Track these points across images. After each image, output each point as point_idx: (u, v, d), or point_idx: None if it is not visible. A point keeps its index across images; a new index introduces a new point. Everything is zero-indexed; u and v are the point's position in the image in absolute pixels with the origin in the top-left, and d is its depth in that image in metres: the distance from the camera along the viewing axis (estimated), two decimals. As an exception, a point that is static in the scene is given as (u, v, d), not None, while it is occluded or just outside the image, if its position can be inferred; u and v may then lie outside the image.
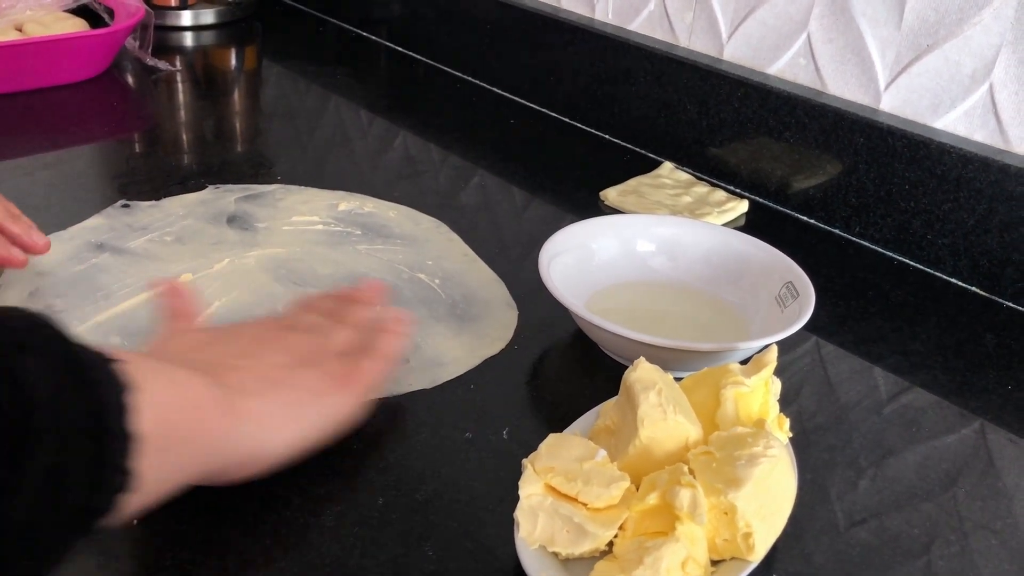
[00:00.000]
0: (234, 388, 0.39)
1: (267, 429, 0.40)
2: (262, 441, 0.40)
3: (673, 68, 0.81)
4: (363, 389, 0.45)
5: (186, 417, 0.36)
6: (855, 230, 0.72)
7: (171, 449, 0.34)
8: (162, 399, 0.34)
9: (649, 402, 0.40)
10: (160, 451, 0.32)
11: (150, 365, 0.34)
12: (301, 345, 0.45)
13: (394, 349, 0.48)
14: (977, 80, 0.65)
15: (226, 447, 0.38)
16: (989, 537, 0.44)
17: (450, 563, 0.40)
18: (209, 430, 0.37)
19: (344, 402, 0.44)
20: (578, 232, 0.59)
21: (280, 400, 0.41)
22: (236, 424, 0.38)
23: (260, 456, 0.40)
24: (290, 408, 0.41)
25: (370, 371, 0.46)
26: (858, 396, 0.54)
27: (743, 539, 0.37)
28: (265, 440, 0.40)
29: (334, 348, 0.46)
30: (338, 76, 1.01)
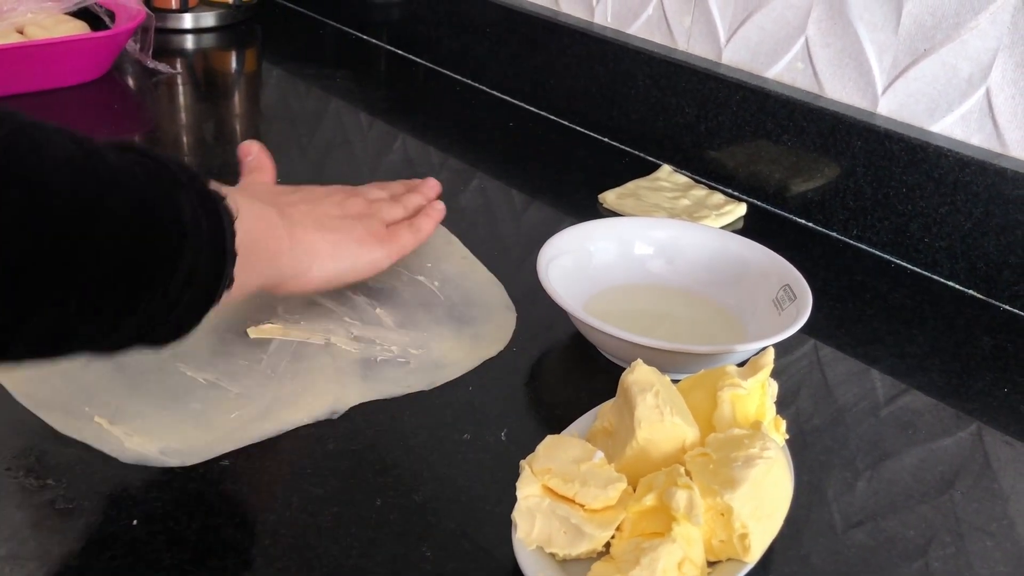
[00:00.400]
0: (294, 220, 0.50)
1: (313, 257, 0.51)
2: (308, 266, 0.51)
3: (671, 71, 0.81)
4: (395, 250, 0.56)
5: (263, 238, 0.46)
6: (853, 233, 0.72)
7: (252, 260, 0.44)
8: (250, 225, 0.44)
9: (646, 404, 0.40)
10: (246, 261, 0.43)
11: (243, 200, 0.44)
12: (355, 206, 0.56)
13: (428, 228, 0.60)
14: (974, 84, 0.65)
15: (284, 265, 0.49)
16: (985, 539, 0.44)
17: (448, 564, 0.40)
18: (276, 249, 0.48)
19: (376, 255, 0.55)
20: (576, 235, 0.59)
21: (327, 238, 0.52)
22: (292, 248, 0.49)
23: (305, 277, 0.51)
24: (333, 246, 0.52)
25: (404, 239, 0.57)
26: (855, 398, 0.54)
27: (739, 540, 0.37)
28: (311, 265, 0.51)
29: (381, 215, 0.57)
30: (338, 79, 1.01)
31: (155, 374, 0.49)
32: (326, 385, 0.50)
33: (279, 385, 0.50)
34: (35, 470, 0.43)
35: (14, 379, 0.48)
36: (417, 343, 0.54)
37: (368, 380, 0.51)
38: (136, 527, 0.40)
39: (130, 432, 0.45)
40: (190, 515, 0.41)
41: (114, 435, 0.45)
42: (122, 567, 0.38)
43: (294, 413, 0.48)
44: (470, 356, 0.54)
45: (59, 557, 0.39)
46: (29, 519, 0.40)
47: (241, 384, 0.49)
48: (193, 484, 0.43)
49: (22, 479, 0.42)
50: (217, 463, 0.44)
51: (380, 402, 0.49)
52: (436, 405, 0.50)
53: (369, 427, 0.48)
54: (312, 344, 0.53)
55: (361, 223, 0.55)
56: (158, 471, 0.44)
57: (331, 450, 0.46)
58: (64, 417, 0.46)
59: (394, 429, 0.48)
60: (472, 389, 0.51)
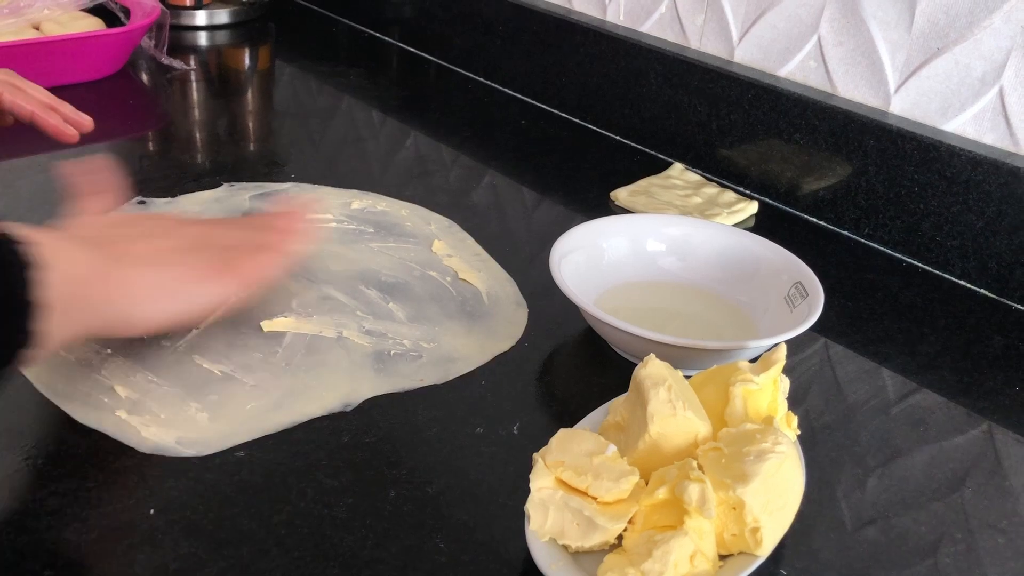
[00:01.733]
0: (123, 262, 0.46)
1: (146, 298, 0.46)
2: (142, 308, 0.46)
3: (684, 70, 0.81)
4: (243, 279, 0.50)
5: (80, 287, 0.42)
6: (864, 232, 0.73)
7: (68, 312, 0.41)
8: (63, 273, 0.40)
9: (659, 398, 0.40)
10: (60, 313, 0.40)
11: (56, 244, 0.41)
12: (192, 235, 0.51)
13: (280, 244, 0.53)
14: (987, 83, 0.65)
15: (111, 311, 0.44)
16: (996, 536, 0.44)
17: (461, 555, 0.40)
18: (98, 296, 0.44)
19: (219, 287, 0.49)
20: (589, 231, 0.59)
21: (162, 275, 0.47)
22: (121, 292, 0.45)
23: (139, 320, 0.46)
24: (169, 283, 0.47)
25: (252, 264, 0.51)
26: (866, 396, 0.54)
27: (751, 534, 0.37)
28: (145, 307, 0.46)
29: (222, 241, 0.51)
30: (350, 76, 1.02)
31: (173, 366, 0.50)
32: (340, 378, 0.50)
33: (293, 377, 0.50)
34: (53, 459, 0.43)
35: (35, 370, 0.49)
36: (429, 337, 0.55)
37: (381, 373, 0.51)
38: (153, 516, 0.41)
39: (147, 422, 0.46)
40: (206, 505, 0.42)
41: (132, 425, 0.45)
42: (139, 556, 0.39)
43: (308, 405, 0.48)
44: (482, 351, 0.54)
45: (77, 545, 0.39)
46: (48, 508, 0.41)
47: (256, 376, 0.50)
48: (209, 474, 0.43)
49: (41, 468, 0.43)
50: (233, 454, 0.45)
51: (393, 395, 0.50)
52: (449, 399, 0.50)
53: (383, 420, 0.48)
54: (325, 337, 0.54)
55: (197, 254, 0.49)
56: (175, 461, 0.44)
57: (345, 442, 0.46)
58: (83, 407, 0.47)
59: (407, 422, 0.48)
60: (485, 383, 0.52)
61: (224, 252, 0.50)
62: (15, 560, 0.38)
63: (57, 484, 0.42)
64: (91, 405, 0.47)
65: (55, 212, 0.63)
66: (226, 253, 0.50)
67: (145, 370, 0.50)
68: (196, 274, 0.48)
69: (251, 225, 0.56)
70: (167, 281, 0.47)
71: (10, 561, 0.38)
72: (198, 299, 0.48)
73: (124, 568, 0.38)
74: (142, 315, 0.46)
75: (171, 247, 0.49)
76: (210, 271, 0.49)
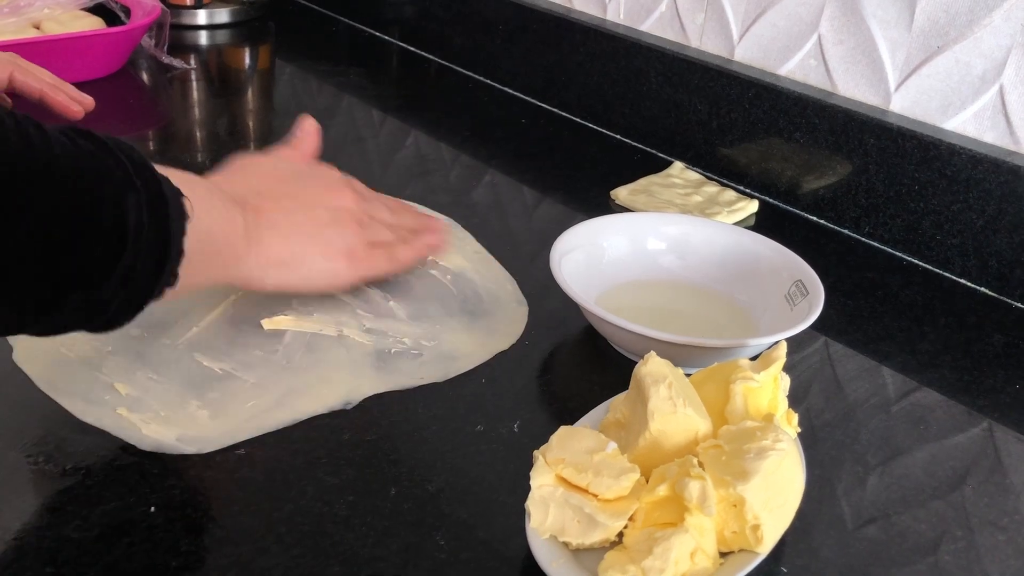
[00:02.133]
0: (263, 222, 0.48)
1: (270, 264, 0.49)
2: (263, 273, 0.49)
3: (684, 69, 0.81)
4: (361, 272, 0.53)
5: (219, 240, 0.45)
6: (865, 230, 0.73)
7: (202, 261, 0.43)
8: (206, 226, 0.43)
9: (659, 395, 0.40)
10: (197, 262, 0.42)
11: (208, 199, 0.44)
12: (337, 208, 0.53)
13: (406, 258, 0.56)
14: (987, 81, 0.65)
15: (238, 268, 0.47)
16: (996, 534, 0.44)
17: (461, 552, 0.40)
18: (231, 253, 0.46)
19: (339, 270, 0.52)
20: (589, 229, 0.59)
21: (290, 247, 0.50)
22: (251, 252, 0.47)
23: (259, 283, 0.49)
24: (294, 256, 0.50)
25: (377, 263, 0.54)
26: (866, 394, 0.54)
27: (751, 531, 0.37)
28: (266, 273, 0.49)
29: (365, 235, 0.53)
30: (350, 75, 1.02)
31: (173, 364, 0.50)
32: (340, 376, 0.50)
33: (294, 375, 0.50)
34: (54, 457, 0.44)
35: (35, 367, 0.49)
36: (430, 335, 0.55)
37: (382, 372, 0.51)
38: (153, 514, 0.41)
39: (148, 420, 0.46)
40: (207, 502, 0.42)
41: (132, 422, 0.45)
42: (139, 553, 0.39)
43: (309, 403, 0.48)
44: (483, 349, 0.54)
45: (77, 543, 0.39)
46: (48, 505, 0.41)
47: (257, 374, 0.50)
48: (210, 472, 0.43)
49: (42, 465, 0.43)
50: (233, 451, 0.45)
51: (394, 393, 0.50)
52: (449, 397, 0.50)
53: (383, 418, 0.48)
54: (326, 336, 0.54)
55: (338, 237, 0.52)
56: (175, 459, 0.44)
57: (346, 440, 0.46)
58: (84, 404, 0.47)
59: (408, 420, 0.48)
60: (485, 382, 0.52)
61: (360, 237, 0.53)
62: (16, 557, 0.38)
63: (58, 482, 0.42)
64: (92, 402, 0.47)
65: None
66: (360, 246, 0.53)
67: (145, 367, 0.50)
68: (324, 252, 0.51)
69: (399, 217, 0.58)
70: (295, 254, 0.50)
71: (11, 558, 0.38)
72: (318, 277, 0.52)
73: (125, 566, 0.38)
74: (271, 280, 0.49)
75: (318, 220, 0.51)
76: (339, 255, 0.52)
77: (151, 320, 0.54)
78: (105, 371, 0.49)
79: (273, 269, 0.49)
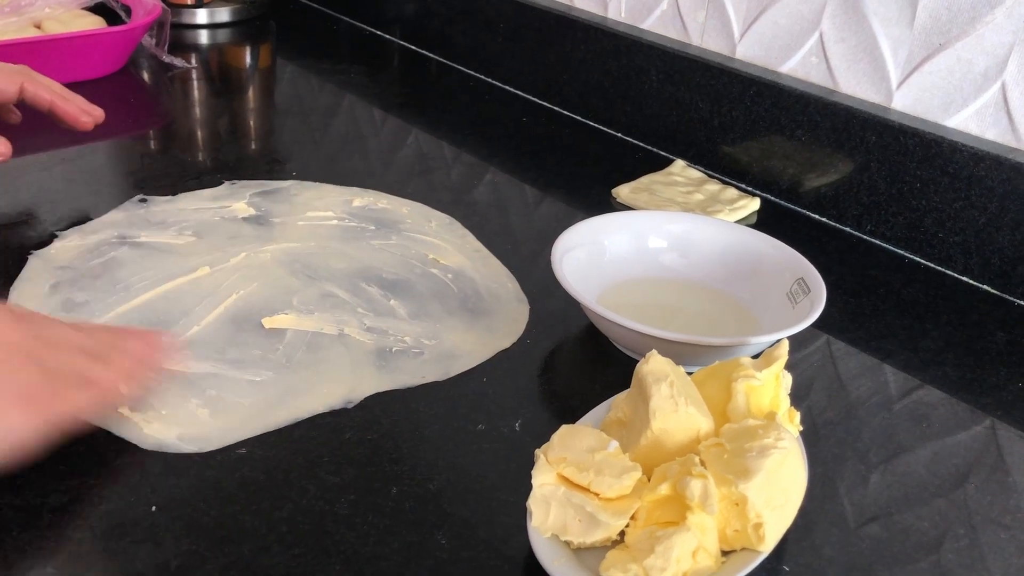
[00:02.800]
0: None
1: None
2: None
3: (685, 67, 0.81)
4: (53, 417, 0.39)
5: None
6: (866, 228, 0.72)
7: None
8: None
9: (661, 394, 0.40)
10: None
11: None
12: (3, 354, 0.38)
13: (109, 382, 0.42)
14: (989, 78, 0.65)
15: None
16: (999, 532, 0.44)
17: (463, 551, 0.40)
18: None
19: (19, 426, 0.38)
20: (590, 228, 0.59)
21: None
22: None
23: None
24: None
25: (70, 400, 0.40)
26: (868, 392, 0.54)
27: (754, 529, 0.37)
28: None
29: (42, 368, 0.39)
30: (352, 74, 1.02)
31: (174, 362, 0.50)
32: (341, 375, 0.50)
33: (294, 374, 0.50)
34: (56, 456, 0.43)
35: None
36: (430, 334, 0.55)
37: (383, 370, 0.51)
38: (155, 513, 0.41)
39: (149, 419, 0.46)
40: (208, 502, 0.42)
41: (133, 422, 0.45)
42: (140, 553, 0.39)
43: (309, 402, 0.48)
44: (484, 347, 0.54)
45: (78, 542, 0.39)
46: (50, 505, 0.41)
47: (257, 373, 0.50)
48: (211, 471, 0.43)
49: (43, 465, 0.43)
50: (234, 451, 0.45)
51: (395, 392, 0.50)
52: (451, 396, 0.50)
53: (384, 417, 0.48)
54: (326, 335, 0.54)
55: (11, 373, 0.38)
56: (176, 458, 0.44)
57: (347, 439, 0.46)
58: (83, 405, 0.46)
59: (409, 419, 0.48)
60: (486, 380, 0.51)
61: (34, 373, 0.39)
62: (18, 558, 0.38)
63: (59, 482, 0.42)
64: (92, 402, 0.47)
65: (57, 211, 0.64)
66: (38, 374, 0.39)
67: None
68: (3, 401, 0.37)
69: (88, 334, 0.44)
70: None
71: (13, 559, 0.38)
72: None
73: (126, 565, 0.38)
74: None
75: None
76: (8, 403, 0.38)
77: (152, 319, 0.54)
78: (106, 370, 0.49)
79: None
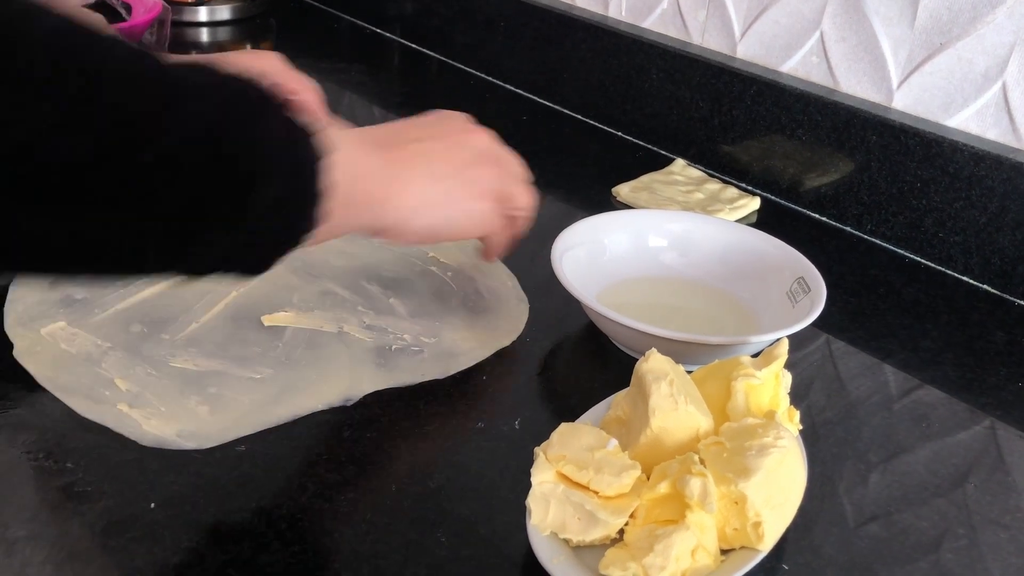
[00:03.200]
0: (404, 163, 0.46)
1: (417, 205, 0.46)
2: (408, 216, 0.46)
3: (686, 66, 0.81)
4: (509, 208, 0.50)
5: (358, 182, 0.42)
6: (867, 228, 0.72)
7: (348, 201, 0.41)
8: (348, 164, 0.40)
9: (660, 392, 0.40)
10: (341, 201, 0.40)
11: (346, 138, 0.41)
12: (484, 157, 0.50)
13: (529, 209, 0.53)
14: (990, 78, 0.65)
15: (387, 209, 0.45)
16: (999, 532, 0.44)
17: (462, 549, 0.40)
18: (377, 194, 0.44)
19: (488, 215, 0.49)
20: (591, 226, 0.59)
21: (438, 185, 0.47)
22: (394, 193, 0.45)
23: (405, 226, 0.46)
24: (442, 195, 0.47)
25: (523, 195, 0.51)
26: (868, 392, 0.54)
27: (753, 528, 0.37)
28: (410, 216, 0.46)
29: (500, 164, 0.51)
30: (352, 73, 1.01)
31: (174, 359, 0.50)
32: (340, 372, 0.50)
33: (294, 372, 0.50)
34: (54, 453, 0.43)
35: (36, 363, 0.49)
36: (430, 332, 0.55)
37: (382, 368, 0.51)
38: (154, 510, 0.41)
39: (148, 415, 0.46)
40: (207, 499, 0.42)
41: (133, 418, 0.45)
42: (139, 550, 0.39)
43: (309, 399, 0.48)
44: (484, 346, 0.54)
45: (77, 539, 0.39)
46: (48, 501, 0.41)
47: (257, 370, 0.50)
48: (210, 469, 0.43)
49: (42, 462, 0.43)
50: (234, 447, 0.45)
51: (395, 390, 0.50)
52: (450, 394, 0.50)
53: (384, 414, 0.48)
54: (326, 332, 0.54)
55: (481, 177, 0.49)
56: (176, 455, 0.44)
57: (346, 437, 0.46)
58: (84, 401, 0.46)
59: (409, 417, 0.48)
60: (486, 378, 0.51)
61: (501, 179, 0.50)
62: (16, 555, 0.38)
63: (58, 478, 0.42)
64: (92, 398, 0.47)
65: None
66: (503, 180, 0.50)
67: (146, 363, 0.49)
68: (469, 192, 0.48)
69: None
70: (439, 194, 0.47)
71: (11, 556, 0.38)
72: (465, 219, 0.49)
73: (125, 563, 0.38)
74: (408, 223, 0.46)
75: (451, 158, 0.48)
76: (484, 195, 0.49)
77: (151, 316, 0.54)
78: (105, 367, 0.49)
79: (419, 211, 0.46)
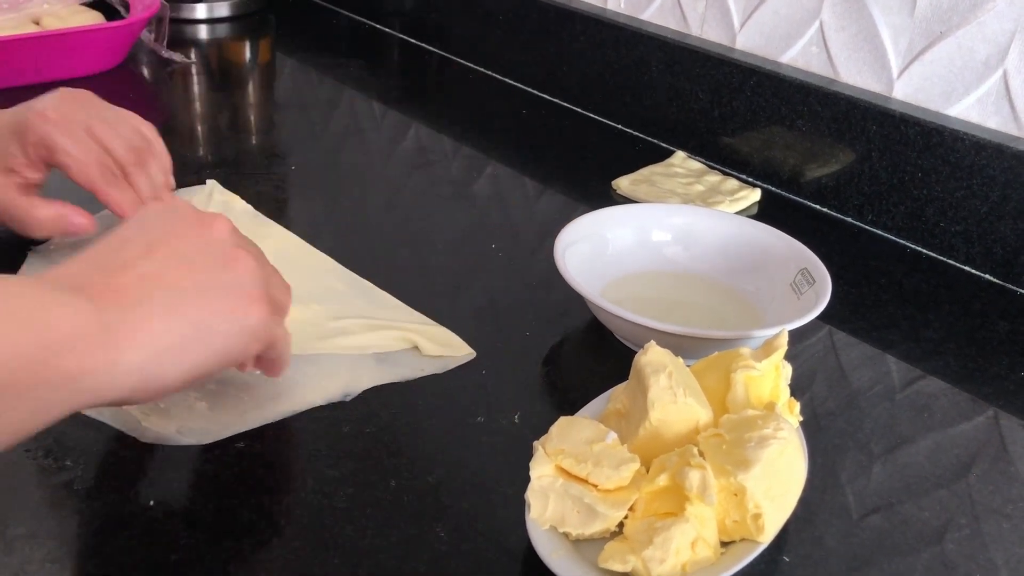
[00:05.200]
0: (128, 298, 0.33)
1: (159, 353, 0.34)
2: (153, 370, 0.34)
3: (685, 57, 0.80)
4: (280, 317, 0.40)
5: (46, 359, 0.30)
6: (868, 218, 0.72)
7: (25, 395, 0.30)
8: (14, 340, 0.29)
9: (659, 385, 0.40)
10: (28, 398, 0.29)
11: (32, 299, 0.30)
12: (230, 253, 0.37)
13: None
14: (991, 67, 0.65)
15: (103, 386, 0.32)
16: (1001, 522, 0.44)
17: (462, 544, 0.40)
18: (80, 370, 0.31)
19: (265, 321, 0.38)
20: (593, 221, 0.59)
21: (187, 313, 0.35)
22: (117, 350, 0.32)
23: (155, 384, 0.34)
24: (196, 323, 0.35)
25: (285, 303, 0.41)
26: (870, 382, 0.54)
27: (753, 520, 0.37)
28: (156, 369, 0.34)
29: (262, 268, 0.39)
30: (351, 68, 1.01)
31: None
32: (339, 367, 0.50)
33: (293, 367, 0.50)
34: (53, 451, 0.43)
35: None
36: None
37: (381, 363, 0.51)
38: (153, 507, 0.41)
39: (147, 412, 0.46)
40: (206, 496, 0.42)
41: (132, 414, 0.45)
42: (139, 547, 0.39)
43: (308, 394, 0.48)
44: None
45: (77, 537, 0.39)
46: (47, 499, 0.41)
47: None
48: (209, 465, 0.43)
49: (40, 460, 0.43)
50: (233, 443, 0.45)
51: (394, 385, 0.50)
52: (449, 389, 0.50)
53: (383, 410, 0.48)
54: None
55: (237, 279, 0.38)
56: (175, 451, 0.44)
57: (346, 432, 0.46)
58: (82, 399, 0.46)
59: (408, 412, 0.48)
60: (485, 373, 0.51)
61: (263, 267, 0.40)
62: (15, 552, 0.38)
63: (57, 475, 0.42)
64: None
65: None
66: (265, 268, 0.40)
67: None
68: (229, 304, 0.37)
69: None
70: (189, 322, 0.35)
71: (10, 553, 0.38)
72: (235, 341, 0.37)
73: (124, 560, 0.38)
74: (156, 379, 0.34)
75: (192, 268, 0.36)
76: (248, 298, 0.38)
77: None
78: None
79: (168, 355, 0.34)
